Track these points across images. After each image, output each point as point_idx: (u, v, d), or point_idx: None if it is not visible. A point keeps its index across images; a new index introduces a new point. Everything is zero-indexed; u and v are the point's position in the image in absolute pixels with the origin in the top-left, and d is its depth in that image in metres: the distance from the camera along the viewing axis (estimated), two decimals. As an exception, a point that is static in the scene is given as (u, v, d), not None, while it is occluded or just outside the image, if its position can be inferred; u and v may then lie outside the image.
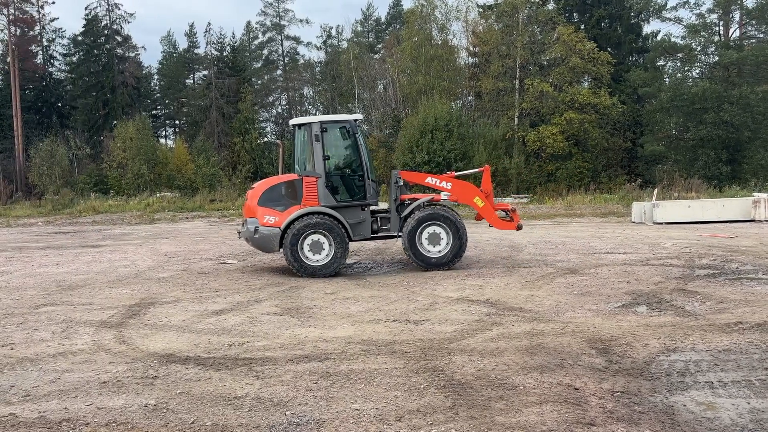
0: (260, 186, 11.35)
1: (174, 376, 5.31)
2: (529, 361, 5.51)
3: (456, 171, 35.40)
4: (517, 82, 40.82)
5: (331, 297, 8.88)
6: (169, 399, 4.71)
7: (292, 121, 11.69)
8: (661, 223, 21.50)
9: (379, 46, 60.98)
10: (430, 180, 11.66)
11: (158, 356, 5.97)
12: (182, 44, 69.09)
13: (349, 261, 12.60)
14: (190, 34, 67.06)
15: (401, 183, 11.49)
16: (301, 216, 10.61)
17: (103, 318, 7.76)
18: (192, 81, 66.83)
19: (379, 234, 11.32)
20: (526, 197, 34.82)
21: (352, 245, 12.90)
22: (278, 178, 11.36)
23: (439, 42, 44.70)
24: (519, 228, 11.48)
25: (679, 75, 43.69)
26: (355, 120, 11.25)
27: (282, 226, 10.62)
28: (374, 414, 4.31)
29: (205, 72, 63.36)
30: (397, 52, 45.91)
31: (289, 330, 6.95)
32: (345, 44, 60.60)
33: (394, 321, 7.26)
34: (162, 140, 64.23)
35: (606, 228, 20.07)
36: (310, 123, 11.03)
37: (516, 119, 40.79)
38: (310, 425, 4.14)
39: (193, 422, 4.23)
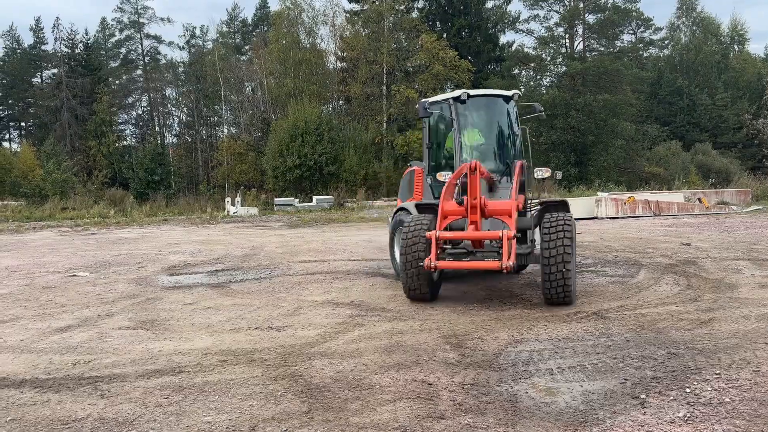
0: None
1: (5, 402, 4.83)
2: (387, 360, 5.63)
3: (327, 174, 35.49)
4: (385, 87, 41.78)
5: (191, 307, 8.54)
6: (-4, 428, 4.29)
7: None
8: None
9: (246, 47, 59.77)
10: None
11: (-12, 382, 5.41)
12: (27, 40, 63.47)
13: (212, 268, 12.20)
14: (37, 29, 61.86)
15: None
16: (396, 212, 9.80)
17: (-77, 343, 6.90)
18: (40, 80, 61.60)
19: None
20: (395, 200, 35.66)
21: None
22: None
23: (308, 46, 44.69)
24: None
25: (532, 83, 46.91)
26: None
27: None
28: (227, 426, 4.19)
29: (55, 70, 58.63)
30: (265, 54, 45.28)
31: (142, 344, 6.58)
32: (210, 45, 58.76)
33: (256, 329, 7.11)
34: (5, 144, 58.53)
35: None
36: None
37: (384, 124, 41.72)
38: (157, 443, 3.95)
39: (23, 451, 3.88)
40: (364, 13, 44.31)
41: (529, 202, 9.24)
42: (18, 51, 63.17)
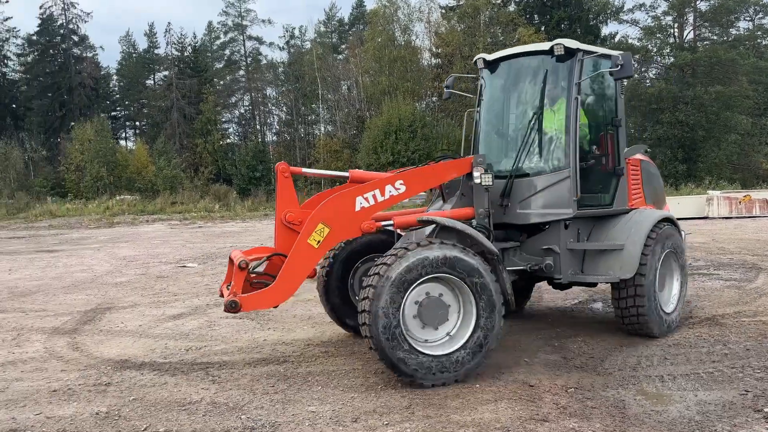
0: None
1: (128, 383, 5.21)
2: (487, 359, 5.56)
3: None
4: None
5: (292, 299, 8.78)
6: (121, 406, 4.62)
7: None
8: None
9: (343, 46, 60.92)
10: None
11: (112, 362, 5.85)
12: (142, 44, 67.92)
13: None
14: (150, 34, 66.00)
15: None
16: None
17: (56, 324, 7.57)
18: (152, 82, 65.73)
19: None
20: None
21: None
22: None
23: (402, 43, 44.90)
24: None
25: (636, 76, 44.75)
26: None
27: None
28: (330, 416, 4.30)
29: (166, 73, 62.39)
30: (361, 52, 45.95)
31: (248, 333, 6.88)
32: (308, 45, 60.38)
33: (354, 322, 7.24)
34: (122, 142, 63.01)
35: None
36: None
37: (479, 119, 41.19)
38: (265, 428, 4.11)
39: (145, 429, 4.16)
40: (460, 9, 43.95)
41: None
42: (133, 55, 67.68)
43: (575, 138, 5.70)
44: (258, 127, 63.30)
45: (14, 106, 60.67)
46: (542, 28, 44.66)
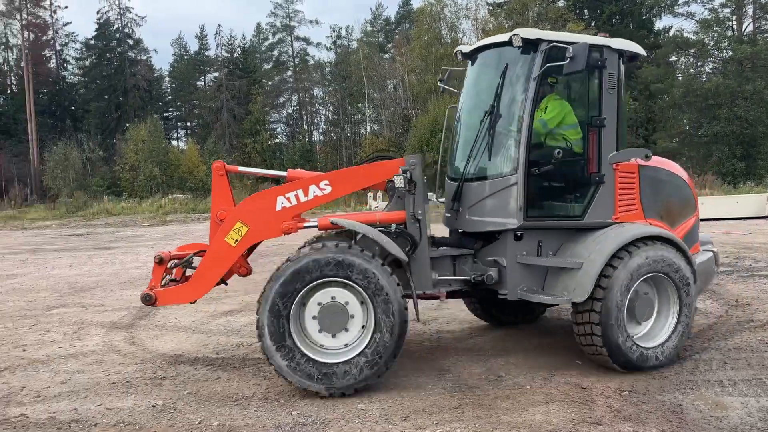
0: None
1: (182, 377, 5.35)
2: (537, 361, 5.49)
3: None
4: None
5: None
6: (177, 399, 4.75)
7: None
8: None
9: (389, 45, 61.00)
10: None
11: (167, 357, 6.01)
12: (193, 47, 69.56)
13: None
14: (201, 37, 67.49)
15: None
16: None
17: (114, 319, 7.83)
18: (203, 83, 67.22)
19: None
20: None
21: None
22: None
23: (449, 41, 44.65)
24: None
25: (692, 71, 43.43)
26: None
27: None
28: (379, 414, 4.32)
29: (216, 74, 63.71)
30: (407, 51, 45.94)
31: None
32: (355, 44, 60.69)
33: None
34: (174, 142, 64.68)
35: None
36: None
37: (528, 117, 40.66)
38: (315, 425, 4.15)
39: (200, 422, 4.26)
40: (508, 5, 43.44)
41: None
42: (185, 57, 69.38)
43: (527, 140, 5.06)
44: (305, 126, 64.05)
45: (73, 108, 63.09)
46: (592, 24, 43.72)
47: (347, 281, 4.62)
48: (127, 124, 52.37)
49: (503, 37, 5.38)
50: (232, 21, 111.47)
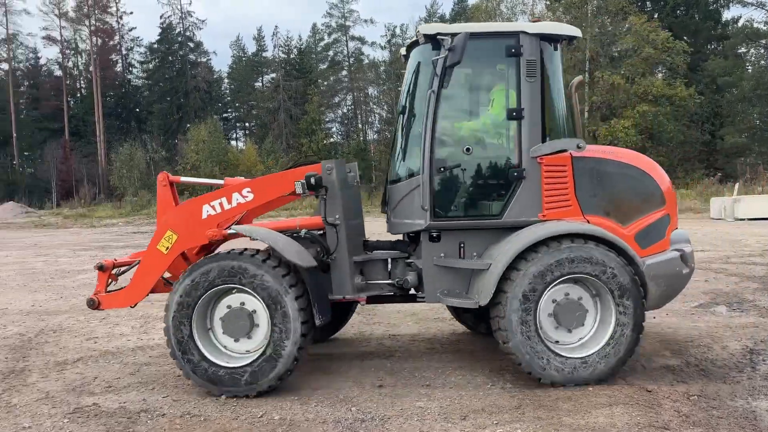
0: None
1: (244, 371, 5.46)
2: (599, 362, 5.34)
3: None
4: (587, 74, 39.73)
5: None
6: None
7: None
8: (743, 219, 20.43)
9: (444, 43, 60.62)
10: None
11: (229, 351, 6.16)
12: (251, 48, 70.99)
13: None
14: (258, 38, 68.84)
15: None
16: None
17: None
18: (261, 84, 68.57)
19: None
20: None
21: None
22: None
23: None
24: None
25: (762, 62, 41.42)
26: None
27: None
28: (438, 412, 4.30)
29: (273, 75, 64.92)
30: (462, 48, 45.57)
31: (354, 328, 7.02)
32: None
33: (453, 319, 7.21)
34: (233, 142, 66.22)
35: (683, 225, 19.21)
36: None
37: (586, 113, 39.72)
38: (375, 421, 4.17)
39: (261, 416, 4.35)
40: (566, -1, 42.51)
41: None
42: (243, 59, 70.96)
43: (430, 139, 4.84)
44: (360, 125, 64.46)
45: (137, 110, 65.51)
46: (655, 15, 42.30)
47: (242, 287, 4.67)
48: (188, 125, 54.04)
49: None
50: (288, 22, 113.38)
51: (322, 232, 5.16)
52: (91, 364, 5.88)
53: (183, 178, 5.88)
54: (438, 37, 4.88)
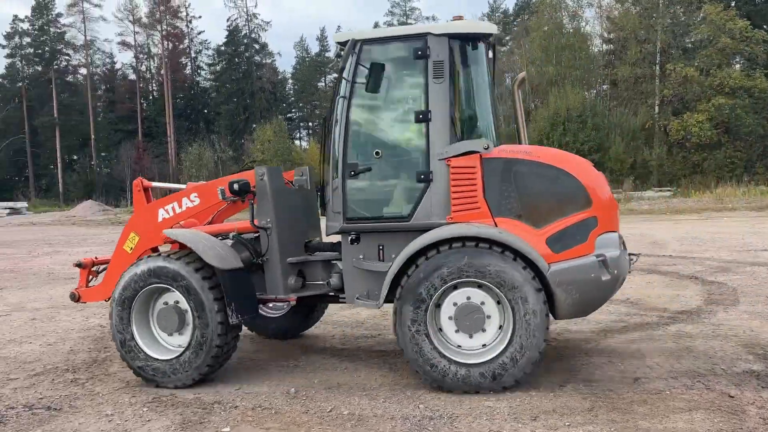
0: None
1: (312, 366, 5.56)
2: (676, 365, 5.14)
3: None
4: (658, 67, 38.26)
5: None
6: (308, 387, 4.94)
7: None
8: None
9: (507, 38, 59.78)
10: None
11: (297, 346, 6.28)
12: (314, 48, 71.99)
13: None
14: (321, 38, 69.82)
15: None
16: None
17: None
18: (323, 84, 69.49)
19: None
20: (668, 190, 32.58)
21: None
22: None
23: (571, 30, 42.97)
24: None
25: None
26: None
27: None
28: (508, 412, 4.24)
29: (336, 74, 65.53)
30: (526, 43, 44.78)
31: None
32: (471, 38, 60.04)
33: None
34: (296, 142, 67.36)
35: (763, 223, 18.26)
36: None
37: (657, 107, 38.28)
38: (443, 419, 4.15)
39: (330, 410, 4.40)
40: (636, -11, 41.04)
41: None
42: (306, 59, 72.12)
43: (343, 144, 4.94)
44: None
45: (206, 111, 67.59)
46: (732, 4, 40.28)
47: (170, 286, 4.97)
48: (254, 125, 55.31)
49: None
50: (351, 22, 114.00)
51: (257, 234, 5.41)
52: (166, 355, 6.09)
53: (154, 184, 6.43)
54: (351, 42, 4.95)
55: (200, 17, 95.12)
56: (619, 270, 4.65)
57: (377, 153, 4.97)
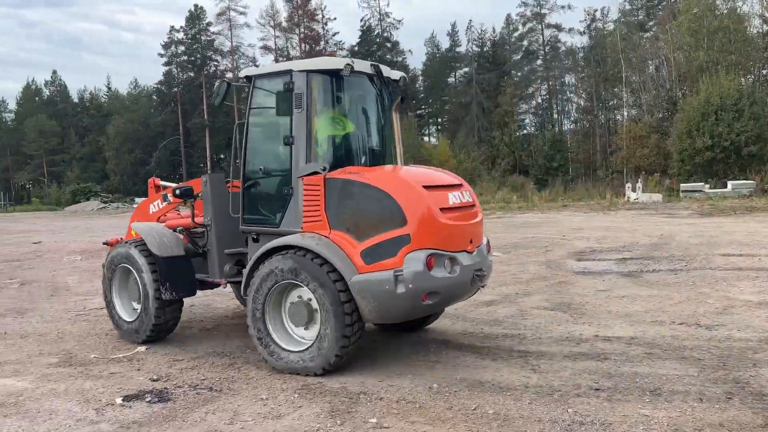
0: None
1: (453, 362, 5.54)
2: None
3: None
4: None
5: (604, 294, 8.42)
6: (450, 384, 4.93)
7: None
8: None
9: (651, 23, 56.08)
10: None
11: (436, 341, 6.29)
12: (444, 44, 71.87)
13: (619, 256, 11.78)
14: (452, 34, 69.45)
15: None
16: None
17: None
18: (453, 79, 69.21)
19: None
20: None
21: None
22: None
23: (725, 11, 39.44)
24: None
25: None
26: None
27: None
28: (667, 422, 3.96)
29: (466, 69, 65.09)
30: (672, 27, 41.71)
31: (561, 326, 6.76)
32: (611, 26, 57.06)
33: (680, 324, 6.60)
34: (425, 138, 67.75)
35: None
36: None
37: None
38: (595, 425, 3.96)
39: (475, 408, 4.35)
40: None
41: None
42: (437, 55, 72.17)
43: (243, 161, 5.96)
44: (555, 116, 62.19)
45: (339, 110, 69.84)
46: None
47: (130, 266, 6.51)
48: (385, 123, 56.23)
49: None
50: (482, 16, 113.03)
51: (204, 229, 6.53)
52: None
53: (162, 182, 7.82)
54: (249, 78, 5.99)
55: (335, 19, 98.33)
56: (416, 284, 4.99)
57: (261, 169, 5.96)
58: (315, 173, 5.46)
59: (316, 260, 5.18)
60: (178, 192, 6.76)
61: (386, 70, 6.25)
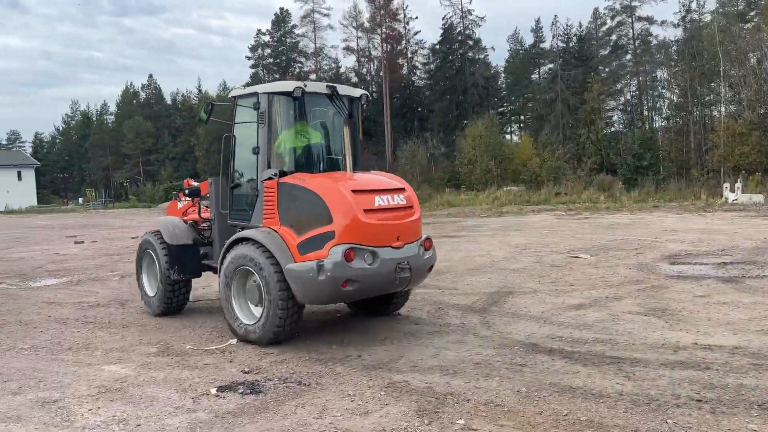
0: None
1: (541, 366, 5.41)
2: None
3: None
4: None
5: (703, 300, 7.97)
6: (539, 388, 4.81)
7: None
8: None
9: (752, 13, 52.59)
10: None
11: (523, 344, 6.16)
12: (528, 41, 70.38)
13: (718, 260, 11.11)
14: (536, 30, 67.86)
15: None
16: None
17: (467, 303, 8.36)
18: (537, 76, 67.66)
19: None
20: None
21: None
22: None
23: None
24: None
25: None
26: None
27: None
28: (779, 441, 3.69)
29: (551, 65, 63.45)
30: (777, 17, 38.92)
31: (656, 332, 6.45)
32: (708, 17, 53.98)
33: (790, 334, 6.15)
34: (507, 136, 66.65)
35: None
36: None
37: None
38: (697, 440, 3.75)
39: (566, 414, 4.23)
40: None
41: None
42: (520, 52, 70.73)
43: (227, 166, 7.27)
44: (645, 113, 59.53)
45: (420, 109, 69.86)
46: None
47: (151, 251, 8.08)
48: (465, 121, 55.80)
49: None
50: (568, 10, 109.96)
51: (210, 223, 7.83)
52: (395, 343, 6.40)
53: (194, 183, 8.64)
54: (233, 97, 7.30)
55: (416, 18, 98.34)
56: (335, 273, 5.89)
57: (241, 174, 7.16)
58: (270, 178, 6.58)
59: (261, 250, 6.27)
60: (187, 192, 8.25)
61: (344, 89, 7.27)
